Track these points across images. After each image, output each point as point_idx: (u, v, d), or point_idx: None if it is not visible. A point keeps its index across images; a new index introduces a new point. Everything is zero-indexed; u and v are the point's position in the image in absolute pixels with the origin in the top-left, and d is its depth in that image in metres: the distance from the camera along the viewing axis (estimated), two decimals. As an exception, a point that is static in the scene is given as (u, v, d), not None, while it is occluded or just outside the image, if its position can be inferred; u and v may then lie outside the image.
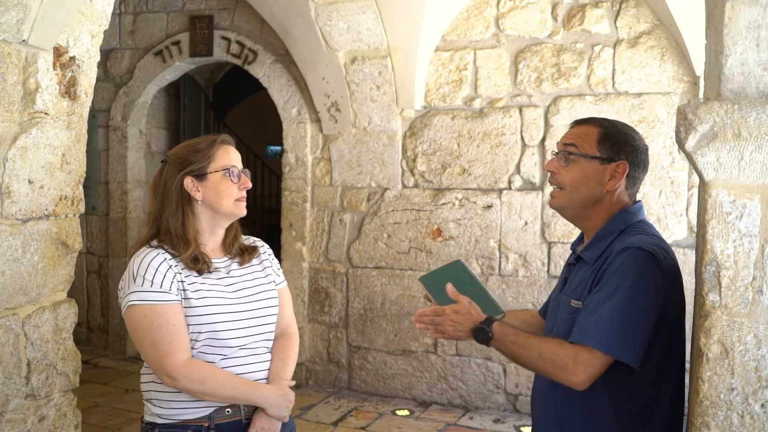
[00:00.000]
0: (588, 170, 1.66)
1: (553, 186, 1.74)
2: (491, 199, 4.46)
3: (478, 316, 1.65)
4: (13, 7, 1.83)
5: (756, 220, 1.31)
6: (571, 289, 1.70)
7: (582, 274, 1.68)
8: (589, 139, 1.68)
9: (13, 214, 2.01)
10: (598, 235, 1.69)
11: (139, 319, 1.69)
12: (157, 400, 1.76)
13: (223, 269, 1.84)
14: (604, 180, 1.66)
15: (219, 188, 1.79)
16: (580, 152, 1.67)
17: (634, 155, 1.68)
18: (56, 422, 2.18)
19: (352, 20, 4.36)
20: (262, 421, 1.77)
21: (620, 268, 1.54)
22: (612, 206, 1.69)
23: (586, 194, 1.67)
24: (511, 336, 1.61)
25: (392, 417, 4.40)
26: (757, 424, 1.32)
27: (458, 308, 1.66)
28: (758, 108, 1.30)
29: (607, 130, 1.69)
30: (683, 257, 4.04)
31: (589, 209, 1.70)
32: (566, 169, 1.69)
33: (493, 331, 1.61)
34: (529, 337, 1.62)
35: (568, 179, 1.68)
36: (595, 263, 1.64)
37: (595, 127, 1.70)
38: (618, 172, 1.66)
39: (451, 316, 1.65)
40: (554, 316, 1.76)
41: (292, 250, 4.97)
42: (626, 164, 1.66)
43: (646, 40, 4.12)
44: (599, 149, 1.66)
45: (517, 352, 1.60)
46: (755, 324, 1.31)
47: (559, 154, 1.71)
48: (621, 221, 1.67)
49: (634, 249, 1.55)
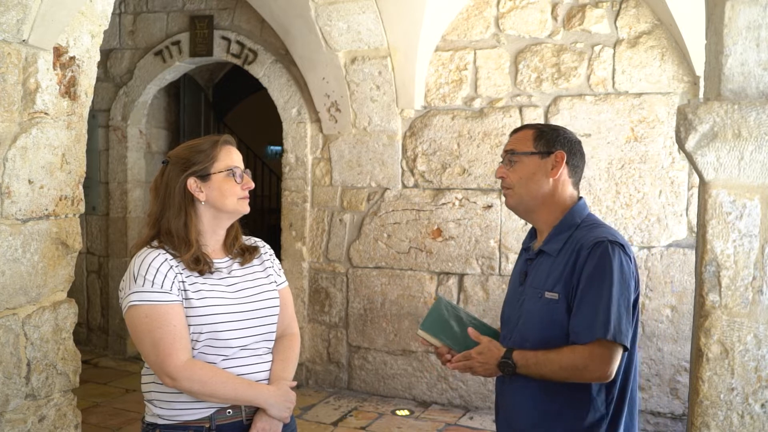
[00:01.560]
0: (531, 166, 1.84)
1: (505, 189, 1.89)
2: (491, 199, 4.46)
3: (499, 351, 1.78)
4: (13, 7, 1.83)
5: (756, 220, 1.31)
6: (538, 282, 1.82)
7: (547, 267, 1.81)
8: (525, 140, 1.87)
9: (13, 214, 2.01)
10: (555, 230, 1.83)
11: (140, 320, 1.69)
12: (158, 401, 1.76)
13: (225, 269, 1.83)
14: (547, 171, 1.83)
15: (222, 188, 1.79)
16: (520, 151, 1.85)
17: (569, 145, 1.85)
18: (56, 422, 2.18)
19: (352, 20, 4.36)
20: (263, 422, 1.77)
21: (600, 263, 1.68)
22: (561, 199, 1.85)
23: (535, 188, 1.84)
24: (531, 359, 1.73)
25: (392, 417, 4.40)
26: (757, 424, 1.32)
27: (481, 349, 1.82)
28: (758, 108, 1.30)
29: (540, 129, 1.88)
30: (683, 257, 4.04)
31: (539, 202, 1.85)
32: (512, 170, 1.86)
33: (515, 361, 1.75)
34: (546, 353, 1.72)
35: (515, 179, 1.85)
36: (558, 255, 1.79)
37: (529, 129, 1.90)
38: (558, 161, 1.82)
39: (478, 358, 1.81)
40: (517, 308, 1.88)
41: (292, 250, 4.97)
42: (563, 153, 1.83)
43: (646, 40, 4.12)
44: (535, 146, 1.84)
45: (541, 371, 1.73)
46: (755, 324, 1.31)
47: (504, 161, 1.89)
48: (575, 216, 1.83)
49: (608, 242, 1.70)
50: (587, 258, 1.70)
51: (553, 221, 1.84)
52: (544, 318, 1.76)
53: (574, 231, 1.80)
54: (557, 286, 1.75)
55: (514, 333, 1.85)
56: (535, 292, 1.80)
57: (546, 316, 1.76)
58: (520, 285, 1.90)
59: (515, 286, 1.95)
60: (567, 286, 1.73)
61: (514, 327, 1.86)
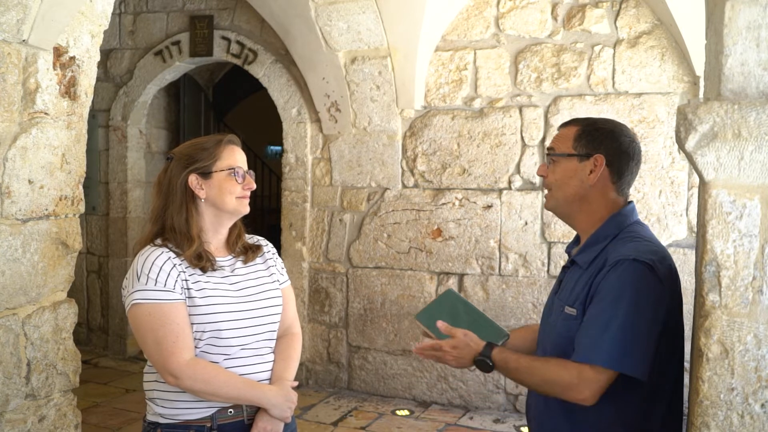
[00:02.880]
0: (568, 169, 1.72)
1: (546, 189, 1.80)
2: (491, 199, 4.46)
3: (477, 346, 1.67)
4: (13, 7, 1.83)
5: (756, 220, 1.31)
6: (565, 294, 1.71)
7: (575, 279, 1.70)
8: (566, 139, 1.74)
9: (13, 214, 2.01)
10: (591, 239, 1.71)
11: (143, 318, 1.69)
12: (160, 400, 1.76)
13: (227, 267, 1.84)
14: (584, 176, 1.69)
15: (223, 187, 1.79)
16: (558, 153, 1.74)
17: (612, 147, 1.69)
18: (56, 422, 2.18)
19: (352, 20, 4.36)
20: (265, 422, 1.77)
21: (617, 283, 1.55)
22: (602, 205, 1.71)
23: (570, 192, 1.72)
24: (512, 363, 1.64)
25: (392, 417, 4.40)
26: (757, 424, 1.32)
27: (455, 343, 1.69)
28: (758, 108, 1.30)
29: (584, 128, 1.73)
30: (683, 257, 4.04)
31: (575, 207, 1.73)
32: (551, 170, 1.76)
33: (494, 360, 1.64)
34: (531, 361, 1.63)
35: (553, 180, 1.75)
36: (588, 268, 1.66)
37: (575, 126, 1.75)
38: (596, 166, 1.68)
39: (451, 352, 1.69)
40: (548, 318, 1.79)
41: (292, 250, 4.97)
42: (602, 157, 1.68)
43: (646, 40, 4.12)
44: (575, 147, 1.71)
45: (519, 378, 1.64)
46: (755, 324, 1.31)
47: (547, 159, 1.79)
48: (615, 225, 1.69)
49: (630, 261, 1.55)
50: (605, 276, 1.57)
51: (590, 228, 1.72)
52: (562, 333, 1.65)
53: (610, 242, 1.66)
54: (577, 302, 1.64)
55: (539, 344, 1.78)
56: (560, 304, 1.70)
57: (564, 332, 1.64)
58: (555, 293, 1.80)
59: (552, 294, 1.84)
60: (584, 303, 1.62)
61: (541, 338, 1.78)
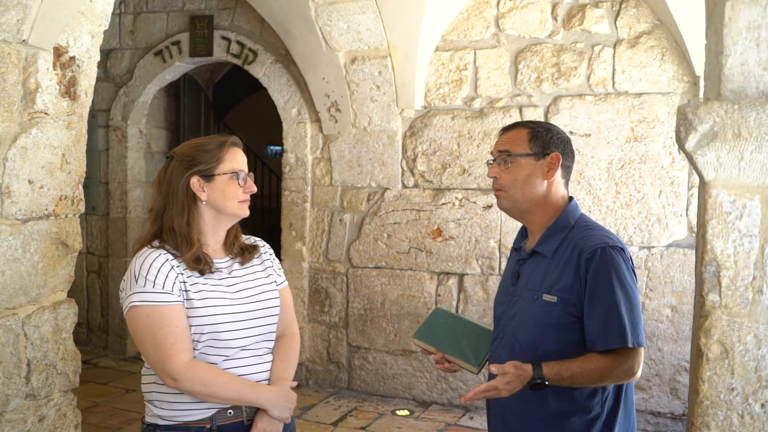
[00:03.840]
0: (527, 168, 1.82)
1: (497, 190, 1.87)
2: (491, 199, 4.46)
3: (526, 373, 1.67)
4: (13, 7, 1.83)
5: (756, 220, 1.31)
6: (533, 283, 1.81)
7: (542, 269, 1.80)
8: (520, 141, 1.84)
9: (13, 214, 2.01)
10: (548, 231, 1.83)
11: (142, 320, 1.69)
12: (159, 402, 1.76)
13: (225, 269, 1.83)
14: (543, 172, 1.82)
15: (225, 190, 1.79)
16: (516, 153, 1.83)
17: (562, 146, 1.85)
18: (56, 422, 2.18)
19: (352, 20, 4.36)
20: (264, 423, 1.76)
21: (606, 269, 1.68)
22: (557, 200, 1.85)
23: (530, 190, 1.83)
24: (565, 373, 1.67)
25: (392, 417, 4.40)
26: (757, 424, 1.32)
27: (509, 378, 1.67)
28: (758, 108, 1.30)
29: (534, 129, 1.85)
30: (683, 257, 4.04)
31: (534, 203, 1.84)
32: (506, 171, 1.84)
33: (548, 379, 1.67)
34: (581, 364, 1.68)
35: (509, 180, 1.83)
36: (554, 256, 1.79)
37: (523, 128, 1.87)
38: (553, 163, 1.82)
39: (505, 387, 1.67)
40: (510, 308, 1.87)
41: (292, 250, 4.97)
42: (559, 155, 1.82)
43: (646, 40, 4.12)
44: (531, 147, 1.82)
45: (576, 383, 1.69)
46: (755, 324, 1.31)
47: (497, 161, 1.87)
48: (568, 217, 1.83)
49: (608, 247, 1.70)
50: (589, 264, 1.70)
51: (545, 222, 1.84)
52: (540, 320, 1.76)
53: (569, 232, 1.80)
54: (554, 288, 1.75)
55: (506, 333, 1.85)
56: (531, 293, 1.80)
57: (542, 319, 1.75)
58: (512, 285, 1.90)
59: (507, 285, 1.94)
60: (567, 289, 1.73)
61: (506, 327, 1.86)
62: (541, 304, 1.76)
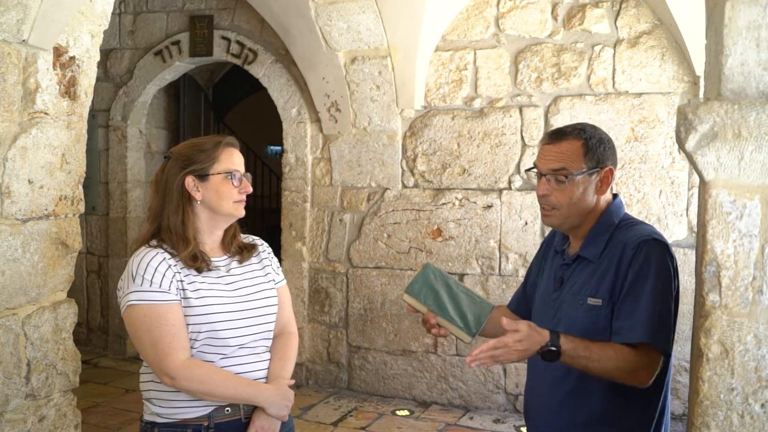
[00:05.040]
0: (582, 185, 1.73)
1: (548, 208, 1.77)
2: (491, 199, 4.46)
3: (542, 336, 1.57)
4: (13, 7, 1.83)
5: (756, 220, 1.31)
6: (578, 288, 1.73)
7: (587, 273, 1.73)
8: (576, 157, 1.72)
9: (13, 214, 2.01)
10: (593, 232, 1.76)
11: (139, 319, 1.69)
12: (157, 400, 1.76)
13: (223, 268, 1.83)
14: (596, 187, 1.75)
15: (219, 190, 1.79)
16: (574, 173, 1.71)
17: (613, 157, 1.77)
18: (56, 422, 2.18)
19: (352, 20, 4.36)
20: (262, 421, 1.77)
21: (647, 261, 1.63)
22: (602, 206, 1.78)
23: (583, 206, 1.75)
24: (582, 351, 1.58)
25: (392, 417, 4.40)
26: (757, 424, 1.32)
27: (520, 336, 1.56)
28: (758, 108, 1.29)
29: (588, 142, 1.73)
30: (683, 257, 4.04)
31: (584, 218, 1.77)
32: (560, 190, 1.73)
33: (563, 350, 1.57)
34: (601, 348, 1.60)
35: (564, 200, 1.73)
36: (600, 258, 1.71)
37: (576, 140, 1.74)
38: (607, 177, 1.74)
39: (515, 346, 1.55)
40: (552, 315, 1.78)
41: (292, 250, 4.97)
42: (612, 168, 1.75)
43: (646, 40, 4.12)
44: (586, 162, 1.72)
45: (589, 365, 1.59)
46: (755, 324, 1.31)
47: (548, 177, 1.74)
48: (612, 216, 1.76)
49: (653, 240, 1.65)
50: (632, 257, 1.64)
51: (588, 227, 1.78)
52: (587, 326, 1.67)
53: (614, 231, 1.73)
54: (600, 290, 1.68)
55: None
56: (576, 299, 1.72)
57: (590, 324, 1.67)
58: (555, 291, 1.81)
59: (548, 291, 1.85)
60: (612, 289, 1.66)
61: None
62: (587, 308, 1.69)
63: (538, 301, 1.91)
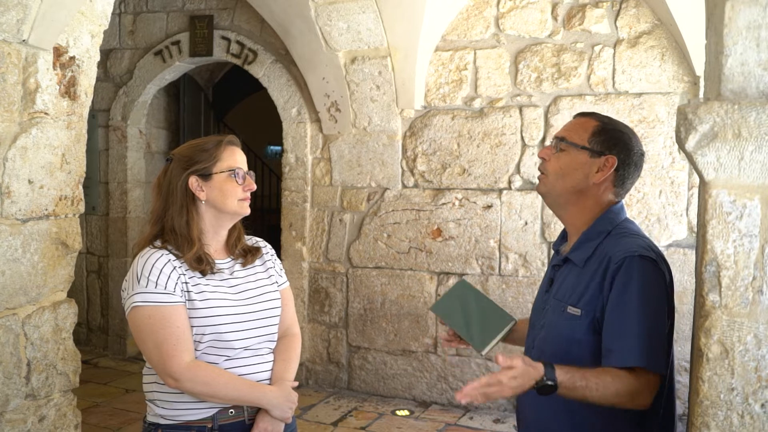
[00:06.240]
0: (576, 160, 1.68)
1: (540, 173, 1.76)
2: (491, 199, 4.46)
3: (537, 372, 1.50)
4: (13, 7, 1.83)
5: (756, 220, 1.31)
6: (563, 293, 1.69)
7: (573, 278, 1.68)
8: (582, 131, 1.70)
9: (13, 214, 2.01)
10: (583, 236, 1.70)
11: (143, 321, 1.69)
12: (161, 401, 1.76)
13: (227, 270, 1.83)
14: (591, 172, 1.67)
15: (223, 189, 1.79)
16: (570, 142, 1.69)
17: (626, 153, 1.68)
18: (56, 422, 2.18)
19: (352, 20, 4.36)
20: (266, 423, 1.77)
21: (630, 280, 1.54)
22: (596, 203, 1.70)
23: (569, 183, 1.69)
24: (579, 380, 1.51)
25: (392, 417, 4.40)
26: (757, 424, 1.32)
27: (515, 373, 1.49)
28: (758, 108, 1.29)
29: (605, 125, 1.70)
30: (683, 257, 4.04)
31: (570, 199, 1.71)
32: (556, 157, 1.71)
33: (560, 382, 1.50)
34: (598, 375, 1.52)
35: (554, 167, 1.71)
36: (585, 265, 1.65)
37: (594, 120, 1.72)
38: (606, 166, 1.66)
39: (510, 383, 1.49)
40: (541, 317, 1.76)
41: (292, 250, 4.97)
42: (615, 159, 1.66)
43: (646, 40, 4.12)
44: (590, 141, 1.68)
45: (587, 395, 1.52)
46: (755, 324, 1.31)
47: (553, 142, 1.74)
48: (607, 222, 1.69)
49: (638, 257, 1.56)
50: (615, 274, 1.56)
51: (582, 225, 1.71)
52: (563, 333, 1.63)
53: (604, 239, 1.65)
54: (581, 301, 1.62)
55: (536, 345, 1.74)
56: (559, 304, 1.68)
57: (567, 332, 1.63)
58: (546, 292, 1.78)
59: (542, 292, 1.82)
60: (592, 303, 1.60)
61: (536, 337, 1.75)
62: (567, 317, 1.64)
63: (534, 302, 1.88)
